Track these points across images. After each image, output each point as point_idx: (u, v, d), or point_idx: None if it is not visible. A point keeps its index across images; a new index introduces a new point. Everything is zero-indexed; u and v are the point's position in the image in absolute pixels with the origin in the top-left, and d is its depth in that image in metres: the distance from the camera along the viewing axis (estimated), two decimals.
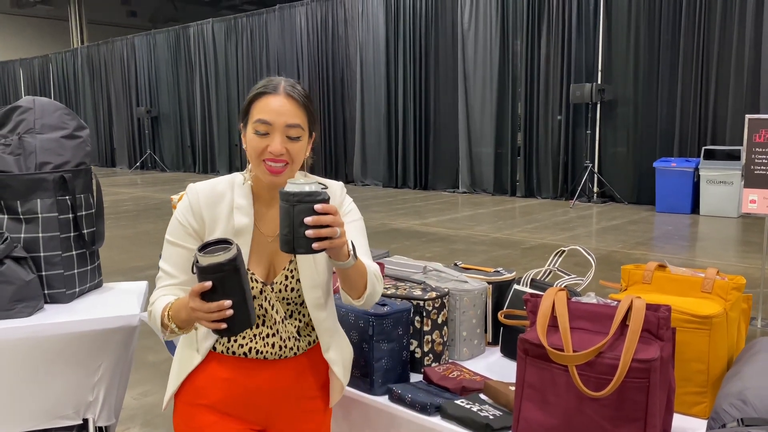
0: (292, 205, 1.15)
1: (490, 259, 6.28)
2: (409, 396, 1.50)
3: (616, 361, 1.16)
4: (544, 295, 1.31)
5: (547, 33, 10.50)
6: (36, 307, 2.28)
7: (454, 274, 1.89)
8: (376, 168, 12.97)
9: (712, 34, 8.98)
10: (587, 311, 1.27)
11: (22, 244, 2.31)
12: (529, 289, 1.77)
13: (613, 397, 1.17)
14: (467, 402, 1.45)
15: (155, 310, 1.37)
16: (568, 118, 10.42)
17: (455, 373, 1.62)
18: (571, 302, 1.29)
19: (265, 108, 1.33)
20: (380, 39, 12.69)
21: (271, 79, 1.37)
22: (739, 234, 7.50)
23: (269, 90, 1.34)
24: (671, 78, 9.37)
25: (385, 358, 1.58)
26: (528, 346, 1.27)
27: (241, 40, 15.49)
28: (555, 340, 1.25)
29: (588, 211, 9.41)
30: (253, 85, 1.40)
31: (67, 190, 2.38)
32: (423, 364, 1.71)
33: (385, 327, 1.57)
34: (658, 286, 1.57)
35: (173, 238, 1.41)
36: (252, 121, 1.34)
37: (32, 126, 2.36)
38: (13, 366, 2.21)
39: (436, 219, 8.88)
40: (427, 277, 1.91)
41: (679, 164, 8.88)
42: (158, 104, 17.92)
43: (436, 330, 1.71)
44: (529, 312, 1.35)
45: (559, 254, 1.85)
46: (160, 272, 1.43)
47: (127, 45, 18.60)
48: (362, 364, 1.58)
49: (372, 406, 1.56)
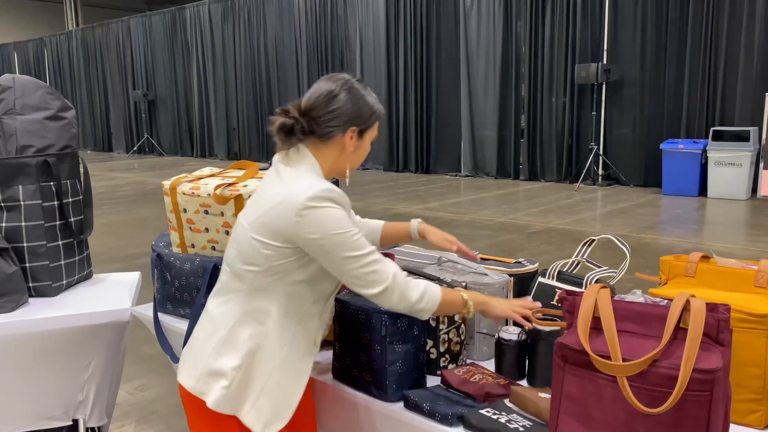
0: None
1: (495, 244, 6.13)
2: (427, 404, 1.34)
3: (673, 371, 1.00)
4: (585, 293, 1.15)
5: (551, 11, 10.26)
6: (19, 302, 2.12)
7: (471, 266, 1.73)
8: (376, 151, 12.77)
9: (721, 12, 8.74)
10: (634, 312, 1.11)
11: (3, 233, 2.15)
12: (556, 282, 1.61)
13: (670, 413, 1.01)
14: (493, 411, 1.29)
15: (431, 287, 1.38)
16: (573, 99, 10.21)
17: (477, 377, 1.46)
18: (615, 301, 1.13)
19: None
20: (380, 19, 12.43)
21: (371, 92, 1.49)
22: (749, 217, 7.34)
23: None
24: (679, 57, 9.15)
25: (400, 361, 1.42)
26: (567, 352, 1.11)
27: (239, 22, 15.20)
28: (599, 345, 1.09)
29: (593, 194, 9.24)
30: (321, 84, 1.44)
31: (52, 175, 2.21)
32: (439, 366, 1.56)
33: (400, 327, 1.42)
34: (703, 280, 1.41)
35: (352, 227, 1.34)
36: (375, 134, 1.50)
37: (12, 106, 2.19)
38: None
39: (439, 203, 8.71)
40: (442, 269, 1.75)
41: (687, 146, 8.69)
42: (155, 87, 17.65)
43: (453, 328, 1.56)
44: (565, 312, 1.19)
45: (589, 244, 1.69)
46: (376, 260, 1.33)
47: (123, 27, 18.29)
48: (374, 368, 1.43)
49: (385, 414, 1.41)
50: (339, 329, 1.51)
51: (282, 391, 1.37)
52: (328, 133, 1.40)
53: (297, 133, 1.39)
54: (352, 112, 1.41)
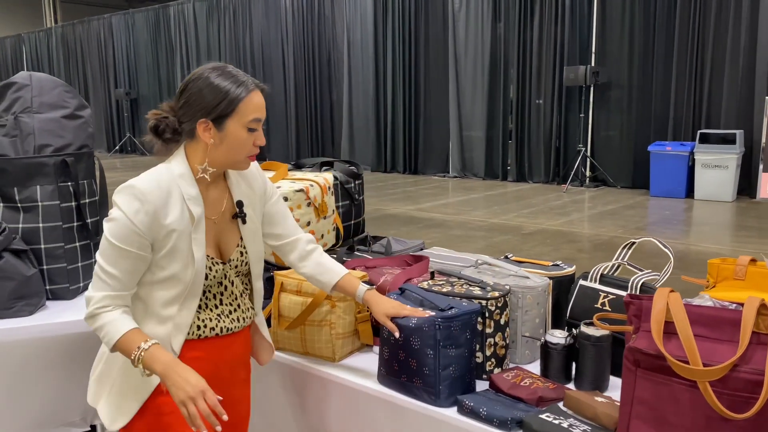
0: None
1: (491, 245, 6.14)
2: (483, 409, 1.33)
3: (756, 376, 1.00)
4: (655, 296, 1.14)
5: (540, 14, 10.31)
6: (38, 305, 2.07)
7: (510, 268, 1.72)
8: (364, 152, 12.73)
9: (708, 16, 8.86)
10: (705, 316, 1.11)
11: (20, 235, 2.09)
12: (599, 286, 1.61)
13: (752, 417, 1.01)
14: (553, 416, 1.29)
15: (114, 329, 1.33)
16: (561, 101, 10.27)
17: (527, 381, 1.45)
18: (686, 306, 1.12)
19: (256, 106, 1.39)
20: (368, 19, 12.40)
21: (237, 74, 1.39)
22: (738, 218, 7.45)
23: (251, 87, 1.39)
24: (666, 61, 9.25)
25: (453, 365, 1.40)
26: (640, 356, 1.11)
27: (224, 21, 15.06)
28: (672, 349, 1.09)
29: (581, 195, 9.31)
30: (216, 75, 1.38)
31: (69, 175, 2.16)
32: (485, 370, 1.55)
33: (453, 331, 1.40)
34: (753, 283, 1.42)
35: (125, 245, 1.33)
36: (247, 120, 1.38)
37: (30, 105, 2.13)
38: (13, 369, 2.00)
39: (430, 204, 8.71)
40: (480, 272, 1.74)
41: (675, 148, 8.80)
42: (137, 86, 17.42)
43: (498, 332, 1.55)
44: (632, 316, 1.18)
45: (629, 246, 1.69)
46: (104, 275, 1.34)
47: (105, 25, 18.02)
48: (426, 373, 1.41)
49: (437, 419, 1.39)
50: (386, 333, 1.49)
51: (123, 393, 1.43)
52: (184, 129, 1.40)
53: (165, 132, 1.41)
54: (198, 103, 1.37)
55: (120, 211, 1.34)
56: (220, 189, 1.48)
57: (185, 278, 1.38)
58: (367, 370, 1.63)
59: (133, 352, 1.30)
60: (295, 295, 1.71)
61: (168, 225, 1.35)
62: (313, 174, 2.04)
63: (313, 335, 1.68)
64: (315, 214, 1.93)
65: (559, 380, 1.51)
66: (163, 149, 1.45)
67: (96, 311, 1.34)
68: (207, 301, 1.46)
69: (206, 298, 1.46)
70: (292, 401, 1.76)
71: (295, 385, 1.74)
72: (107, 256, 1.34)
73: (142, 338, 1.32)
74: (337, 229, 2.12)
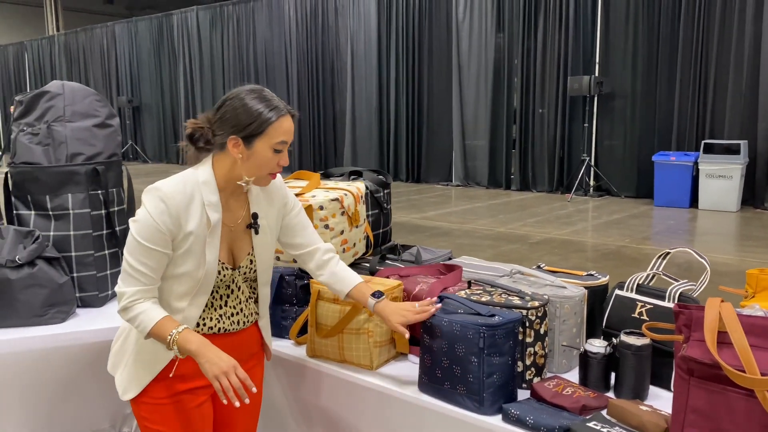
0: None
1: (500, 254, 6.15)
2: (530, 418, 1.34)
3: None
4: (706, 306, 1.16)
5: (543, 24, 10.38)
6: (70, 312, 2.08)
7: (546, 278, 1.74)
8: (367, 161, 12.76)
9: (711, 26, 8.93)
10: (757, 325, 1.13)
11: (51, 242, 2.11)
12: (636, 295, 1.63)
13: None
14: (600, 424, 1.30)
15: (148, 318, 1.44)
16: (564, 110, 10.32)
17: (568, 390, 1.46)
18: (738, 315, 1.14)
19: (285, 130, 1.49)
20: (372, 29, 12.46)
21: (272, 99, 1.49)
22: (742, 228, 7.48)
23: (282, 112, 1.49)
24: (670, 71, 9.31)
25: (497, 373, 1.42)
26: (694, 365, 1.12)
27: (227, 30, 15.12)
28: (726, 358, 1.10)
29: (585, 204, 9.34)
30: (245, 89, 1.49)
31: (100, 184, 2.17)
32: (524, 379, 1.56)
33: (497, 339, 1.41)
34: None
35: (151, 244, 1.44)
36: (274, 142, 1.48)
37: (62, 113, 2.15)
38: (44, 376, 2.01)
39: (435, 212, 8.73)
40: (515, 282, 1.76)
41: (679, 158, 8.84)
42: (140, 94, 17.46)
43: (538, 341, 1.56)
44: (682, 326, 1.20)
45: (664, 257, 1.70)
46: (133, 272, 1.45)
47: (108, 33, 18.08)
48: (470, 380, 1.42)
49: (482, 427, 1.41)
50: (429, 341, 1.51)
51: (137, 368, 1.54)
52: (216, 142, 1.49)
53: (199, 141, 1.50)
54: (231, 121, 1.46)
55: (146, 211, 1.44)
56: (240, 200, 1.58)
57: (196, 276, 1.49)
58: (404, 378, 1.64)
59: (168, 336, 1.42)
60: (333, 303, 1.73)
61: (187, 228, 1.46)
62: (345, 183, 2.06)
63: (350, 343, 1.70)
64: (348, 222, 1.95)
65: (598, 389, 1.52)
66: (194, 156, 1.54)
67: (129, 304, 1.46)
68: (213, 301, 1.56)
69: (213, 298, 1.56)
70: (328, 408, 1.77)
71: (332, 393, 1.75)
72: (135, 253, 1.45)
73: (174, 324, 1.44)
74: (367, 238, 2.13)
